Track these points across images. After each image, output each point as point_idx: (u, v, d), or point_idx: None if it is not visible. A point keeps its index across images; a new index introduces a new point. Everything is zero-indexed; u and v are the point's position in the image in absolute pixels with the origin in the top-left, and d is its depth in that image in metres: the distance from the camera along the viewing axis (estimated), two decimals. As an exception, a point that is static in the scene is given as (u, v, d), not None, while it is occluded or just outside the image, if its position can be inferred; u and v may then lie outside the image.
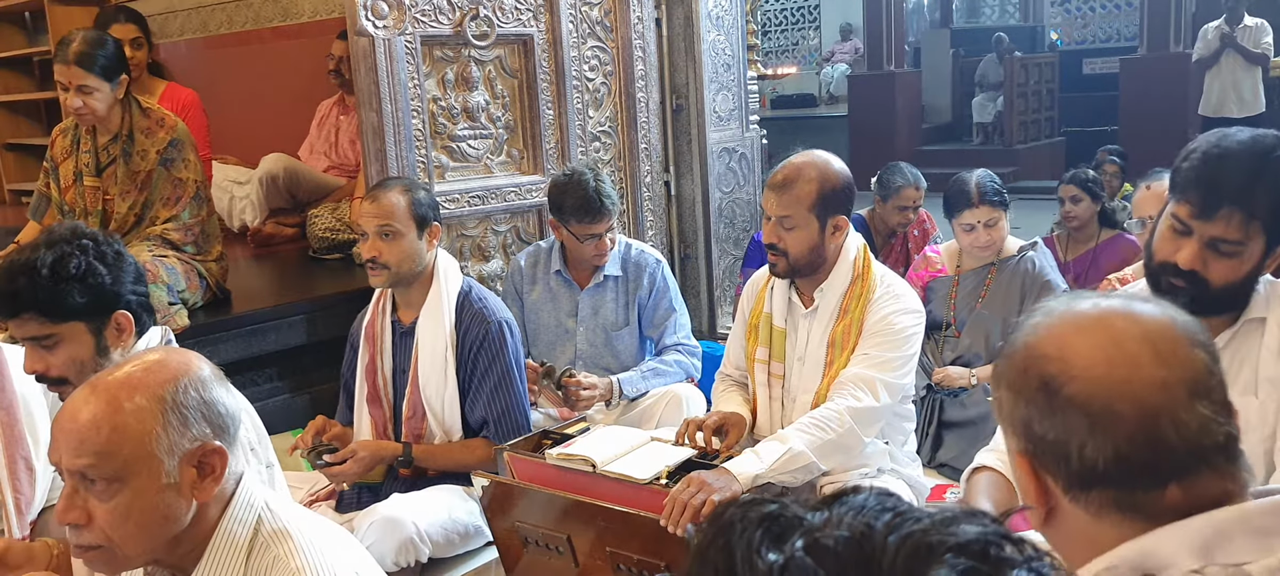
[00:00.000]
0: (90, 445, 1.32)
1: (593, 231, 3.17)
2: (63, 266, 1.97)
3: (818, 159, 2.48)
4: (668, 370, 3.24)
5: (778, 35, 16.05)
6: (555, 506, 2.37)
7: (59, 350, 2.01)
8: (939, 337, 3.57)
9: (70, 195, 3.46)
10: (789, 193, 2.43)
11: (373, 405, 2.84)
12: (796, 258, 2.47)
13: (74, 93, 3.22)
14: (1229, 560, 0.93)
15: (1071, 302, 1.06)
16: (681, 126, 4.42)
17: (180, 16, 5.85)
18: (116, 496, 1.33)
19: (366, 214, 2.73)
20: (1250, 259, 1.69)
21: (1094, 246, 4.20)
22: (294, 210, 4.97)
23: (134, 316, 2.07)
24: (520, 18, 3.80)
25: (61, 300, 1.97)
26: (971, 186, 3.48)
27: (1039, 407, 1.02)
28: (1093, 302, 1.05)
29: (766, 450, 2.28)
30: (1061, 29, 14.53)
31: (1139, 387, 0.97)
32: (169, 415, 1.34)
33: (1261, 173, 1.65)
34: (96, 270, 2.01)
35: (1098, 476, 0.98)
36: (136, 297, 2.08)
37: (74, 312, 1.99)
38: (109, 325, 2.03)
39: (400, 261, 2.71)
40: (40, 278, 1.96)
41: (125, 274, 2.06)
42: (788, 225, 2.44)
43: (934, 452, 3.38)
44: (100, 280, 2.01)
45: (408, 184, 2.80)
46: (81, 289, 1.98)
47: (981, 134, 11.91)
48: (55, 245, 2.01)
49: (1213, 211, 1.67)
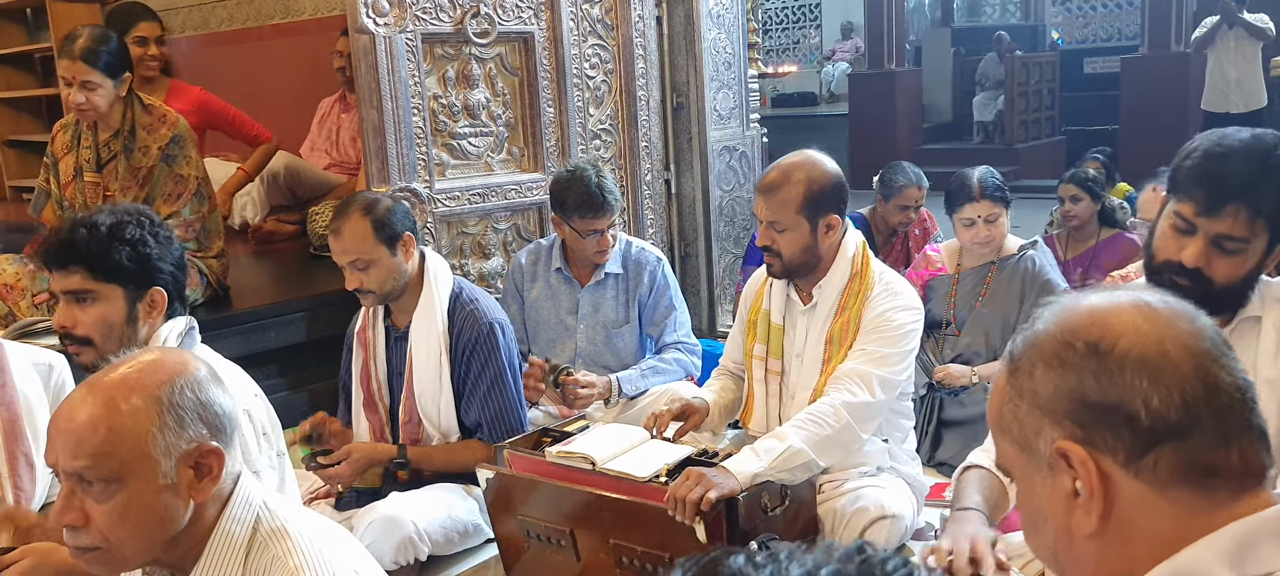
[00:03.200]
0: (87, 446, 1.31)
1: (594, 227, 3.17)
2: (120, 229, 2.06)
3: (806, 160, 2.48)
4: (667, 368, 3.24)
5: (778, 33, 16.04)
6: (561, 499, 2.38)
7: (93, 308, 2.07)
8: (939, 336, 3.58)
9: (70, 191, 3.47)
10: (776, 196, 2.44)
11: (369, 411, 2.84)
12: (790, 259, 2.48)
13: (78, 88, 3.23)
14: (1259, 570, 0.92)
15: (1081, 294, 1.05)
16: (682, 125, 4.42)
17: (181, 13, 5.84)
18: (113, 497, 1.32)
19: (334, 250, 2.70)
20: (1253, 256, 1.69)
21: (1094, 245, 4.20)
22: (295, 207, 4.97)
23: (170, 297, 2.13)
24: (521, 15, 3.81)
25: (109, 258, 2.05)
26: (973, 181, 3.48)
27: (1092, 371, 0.96)
28: (1102, 292, 1.04)
29: (765, 448, 2.28)
30: (1062, 28, 14.51)
31: (1181, 336, 0.96)
32: (165, 416, 1.34)
33: (1266, 170, 1.66)
34: (148, 242, 2.08)
35: (1169, 430, 0.94)
36: (175, 282, 2.14)
37: (118, 274, 2.06)
38: (145, 298, 2.09)
39: (382, 283, 2.69)
40: (97, 233, 2.05)
41: (171, 256, 2.14)
42: (778, 228, 2.46)
43: (933, 451, 3.39)
44: (149, 251, 2.08)
45: (366, 204, 2.69)
46: (131, 254, 2.06)
47: (982, 132, 11.90)
48: (116, 213, 2.11)
49: (1218, 208, 1.66)
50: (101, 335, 2.06)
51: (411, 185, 3.58)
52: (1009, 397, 1.03)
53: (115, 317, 2.07)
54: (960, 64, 12.80)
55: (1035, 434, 1.00)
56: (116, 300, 2.07)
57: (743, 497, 2.20)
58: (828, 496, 2.46)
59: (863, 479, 2.47)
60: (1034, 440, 1.00)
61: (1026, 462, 1.02)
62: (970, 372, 3.41)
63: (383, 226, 2.65)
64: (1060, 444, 0.98)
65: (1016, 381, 1.02)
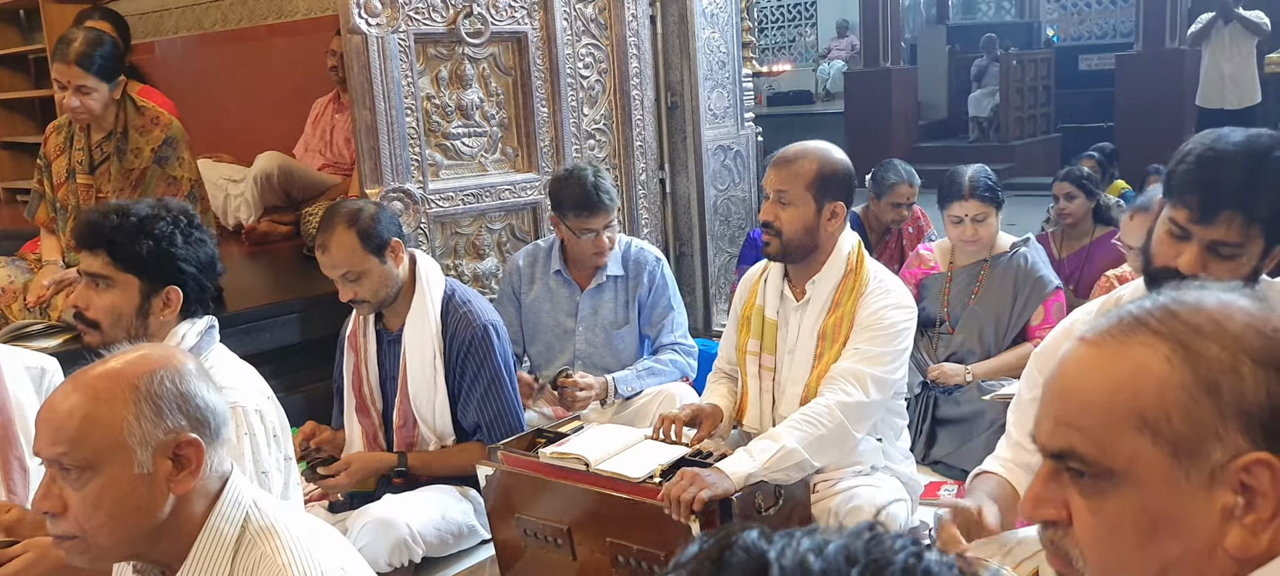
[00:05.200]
0: (64, 433, 1.33)
1: (589, 226, 3.16)
2: (150, 223, 2.07)
3: (822, 144, 2.54)
4: (663, 369, 3.24)
5: (773, 32, 16.05)
6: (559, 497, 2.38)
7: (108, 293, 2.07)
8: (933, 334, 3.58)
9: (62, 192, 3.46)
10: (789, 168, 2.46)
11: (361, 415, 2.83)
12: (790, 237, 2.47)
13: (72, 92, 3.22)
14: None
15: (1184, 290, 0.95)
16: (677, 124, 4.42)
17: (174, 14, 5.83)
18: (88, 484, 1.34)
19: (324, 265, 2.69)
20: (1249, 261, 1.69)
21: (1088, 243, 4.20)
22: (289, 208, 4.96)
23: (186, 297, 2.11)
24: (514, 15, 3.80)
25: (132, 248, 2.05)
26: (964, 179, 3.49)
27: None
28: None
29: (759, 448, 2.29)
30: (1057, 25, 14.53)
31: None
32: (142, 404, 1.35)
33: (1260, 174, 1.64)
34: (175, 240, 2.09)
35: None
36: (196, 283, 2.13)
37: (136, 266, 2.06)
38: (161, 294, 2.09)
39: (375, 292, 2.69)
40: (128, 221, 2.06)
41: (199, 258, 2.13)
42: (785, 199, 2.45)
43: (927, 449, 3.39)
44: (174, 250, 2.08)
45: (350, 215, 2.66)
46: (154, 248, 2.06)
47: (976, 129, 11.90)
48: (156, 207, 2.13)
49: (1212, 216, 1.66)
50: (110, 321, 2.07)
51: (405, 186, 3.58)
52: (1185, 389, 0.86)
53: (126, 308, 2.08)
54: (955, 61, 12.82)
55: (1212, 437, 0.85)
56: (131, 291, 2.07)
57: (737, 497, 2.20)
58: (822, 495, 2.46)
59: (857, 478, 2.47)
60: (1204, 443, 0.86)
61: (1167, 465, 0.87)
62: (964, 371, 3.42)
63: (369, 236, 2.64)
64: (1258, 457, 0.84)
65: (1203, 374, 0.86)
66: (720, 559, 0.65)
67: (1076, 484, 0.93)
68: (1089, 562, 0.94)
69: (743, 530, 0.67)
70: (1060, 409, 0.94)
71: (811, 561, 0.64)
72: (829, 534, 0.66)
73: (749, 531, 0.67)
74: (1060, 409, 0.94)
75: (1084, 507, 0.93)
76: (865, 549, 0.65)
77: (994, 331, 3.48)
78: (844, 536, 0.66)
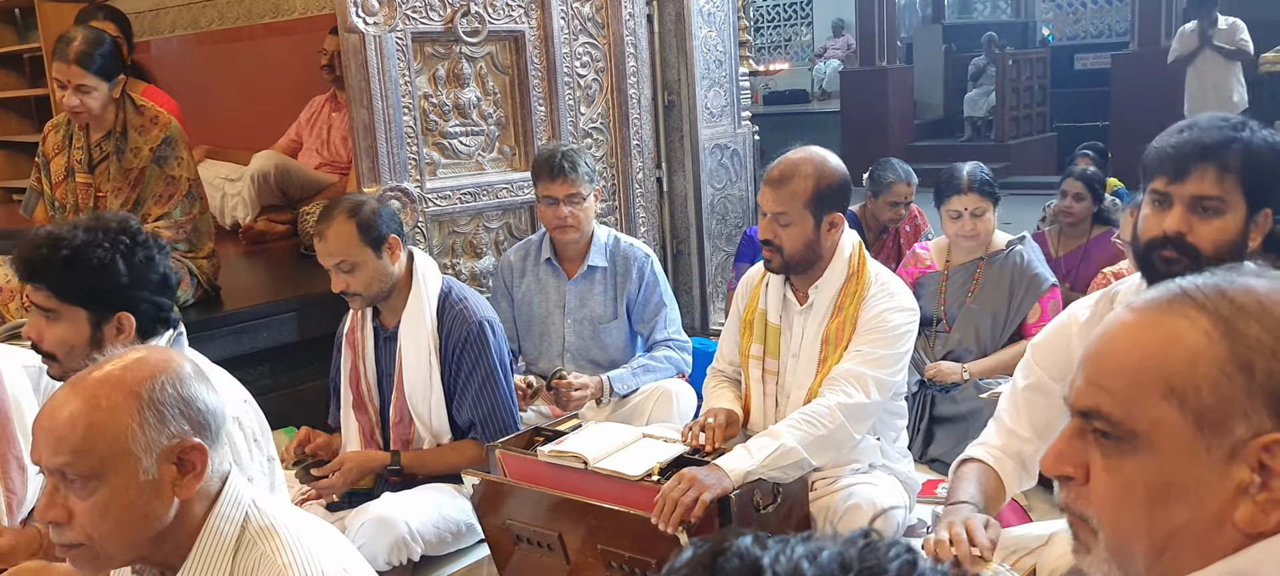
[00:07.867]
0: (67, 443, 1.32)
1: (550, 193, 3.17)
2: (85, 253, 1.99)
3: (814, 155, 2.48)
4: (658, 366, 3.24)
5: (770, 31, 16.05)
6: (545, 504, 2.37)
7: (56, 326, 2.02)
8: (930, 333, 3.59)
9: (60, 191, 3.46)
10: (784, 188, 2.43)
11: (358, 411, 2.83)
12: (791, 254, 2.47)
13: (72, 91, 3.22)
14: None
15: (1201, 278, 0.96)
16: (673, 123, 4.43)
17: (171, 12, 5.83)
18: (94, 493, 1.33)
19: (320, 253, 2.69)
20: (1235, 220, 1.71)
21: (1085, 242, 4.21)
22: (286, 207, 4.96)
23: (140, 321, 2.05)
24: (511, 14, 3.80)
25: (70, 282, 1.99)
26: (962, 174, 3.50)
27: None
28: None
29: (758, 446, 2.29)
30: (1053, 24, 14.55)
31: None
32: (145, 412, 1.34)
33: (1231, 136, 1.70)
34: (115, 267, 2.00)
35: None
36: (150, 305, 2.06)
37: (78, 299, 2.00)
38: (111, 321, 2.02)
39: (367, 285, 2.69)
40: (60, 255, 1.98)
41: (147, 280, 2.05)
42: (783, 221, 2.44)
43: (925, 448, 3.39)
44: (115, 278, 2.00)
45: (351, 207, 2.68)
46: (92, 279, 1.99)
47: (971, 128, 11.92)
48: (93, 231, 2.03)
49: (1186, 171, 1.70)
50: (64, 353, 2.01)
51: (402, 184, 3.58)
52: (1218, 364, 0.89)
53: (77, 339, 2.01)
54: (952, 60, 12.83)
55: (1238, 414, 0.88)
56: (79, 322, 2.01)
57: (735, 495, 2.20)
58: (820, 493, 2.46)
59: (855, 476, 2.47)
60: (1229, 419, 0.88)
61: (1189, 434, 0.90)
62: (961, 369, 3.42)
63: (368, 229, 2.64)
64: (1267, 447, 0.87)
65: (1240, 352, 0.88)
66: (714, 565, 0.66)
67: (1099, 444, 0.95)
68: (1103, 522, 0.97)
69: (737, 536, 0.67)
70: (1093, 369, 0.97)
71: (806, 568, 0.64)
72: (823, 540, 0.67)
73: (743, 537, 0.67)
74: (1093, 369, 0.97)
75: (1102, 466, 0.95)
76: (859, 556, 0.65)
77: (990, 329, 3.49)
78: (838, 543, 0.67)
